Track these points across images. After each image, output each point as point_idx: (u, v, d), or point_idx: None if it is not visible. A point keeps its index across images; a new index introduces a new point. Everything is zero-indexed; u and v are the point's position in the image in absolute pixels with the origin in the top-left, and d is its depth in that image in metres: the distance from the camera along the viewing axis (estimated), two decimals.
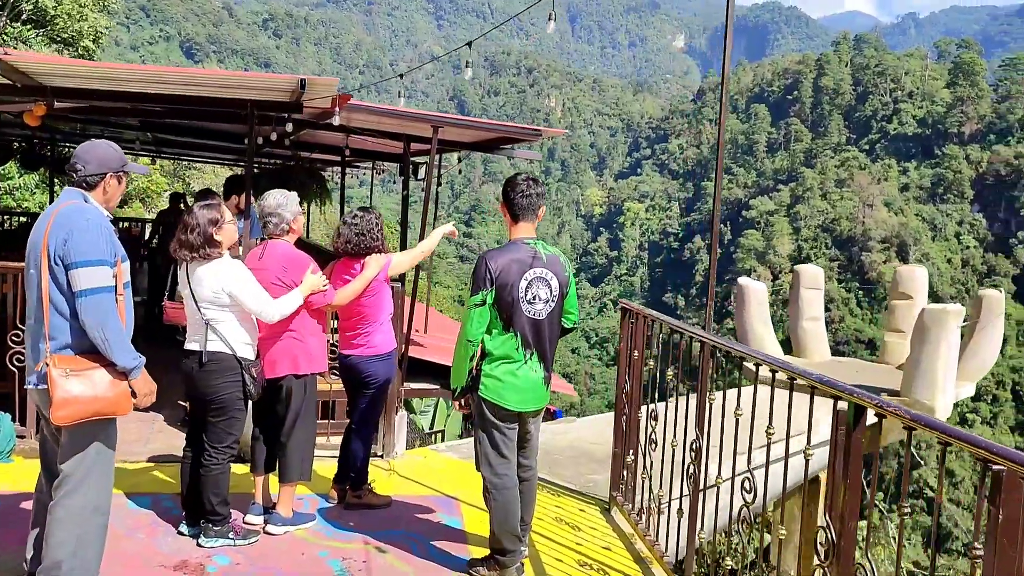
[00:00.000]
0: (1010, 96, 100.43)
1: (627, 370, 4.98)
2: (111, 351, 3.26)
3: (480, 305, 3.81)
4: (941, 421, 2.35)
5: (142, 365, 3.39)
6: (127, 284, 3.46)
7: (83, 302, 3.21)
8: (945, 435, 2.25)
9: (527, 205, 3.97)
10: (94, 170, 3.42)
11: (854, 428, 2.55)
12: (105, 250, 3.27)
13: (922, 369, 7.86)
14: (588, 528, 4.87)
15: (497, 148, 8.75)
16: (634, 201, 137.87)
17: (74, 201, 3.35)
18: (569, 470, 6.06)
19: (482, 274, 3.82)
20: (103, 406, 3.27)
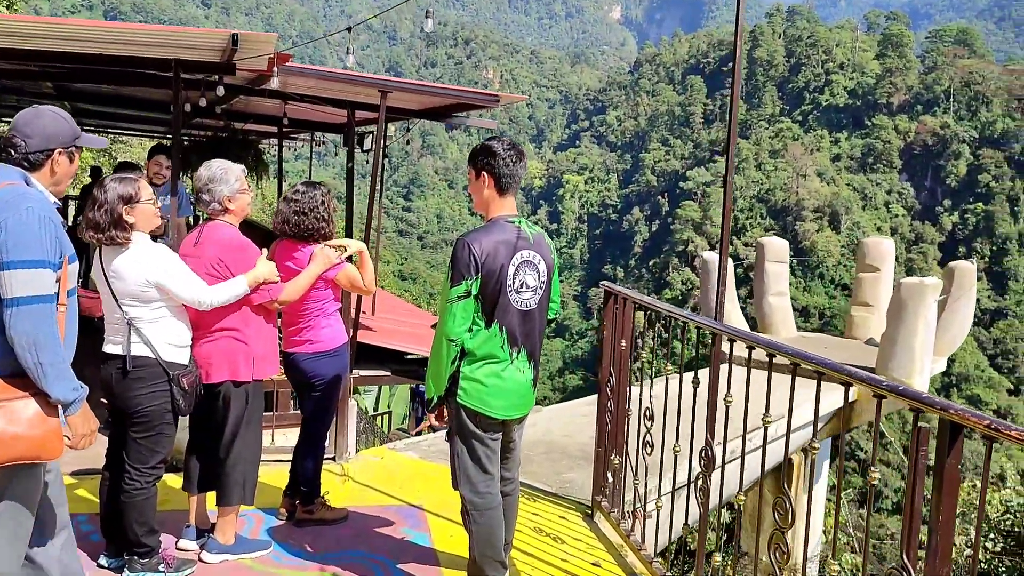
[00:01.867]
0: (936, 67, 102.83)
1: (612, 362, 4.46)
2: (44, 378, 2.50)
3: (464, 297, 3.21)
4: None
5: (83, 398, 2.63)
6: (72, 291, 2.72)
7: (13, 313, 2.46)
8: None
9: (513, 175, 3.38)
10: (38, 145, 2.69)
11: (949, 453, 2.05)
12: (49, 249, 2.53)
13: (899, 345, 7.54)
14: (572, 539, 4.35)
15: (450, 116, 8.11)
16: (573, 173, 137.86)
17: (13, 183, 2.59)
18: (543, 469, 5.53)
19: (465, 260, 3.20)
20: (26, 448, 2.48)
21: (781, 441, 7.54)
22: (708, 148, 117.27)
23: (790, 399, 3.03)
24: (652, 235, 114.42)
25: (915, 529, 2.20)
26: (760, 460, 6.84)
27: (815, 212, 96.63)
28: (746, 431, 3.64)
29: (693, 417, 3.75)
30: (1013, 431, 1.79)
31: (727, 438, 3.56)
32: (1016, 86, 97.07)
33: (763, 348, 3.10)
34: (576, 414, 6.98)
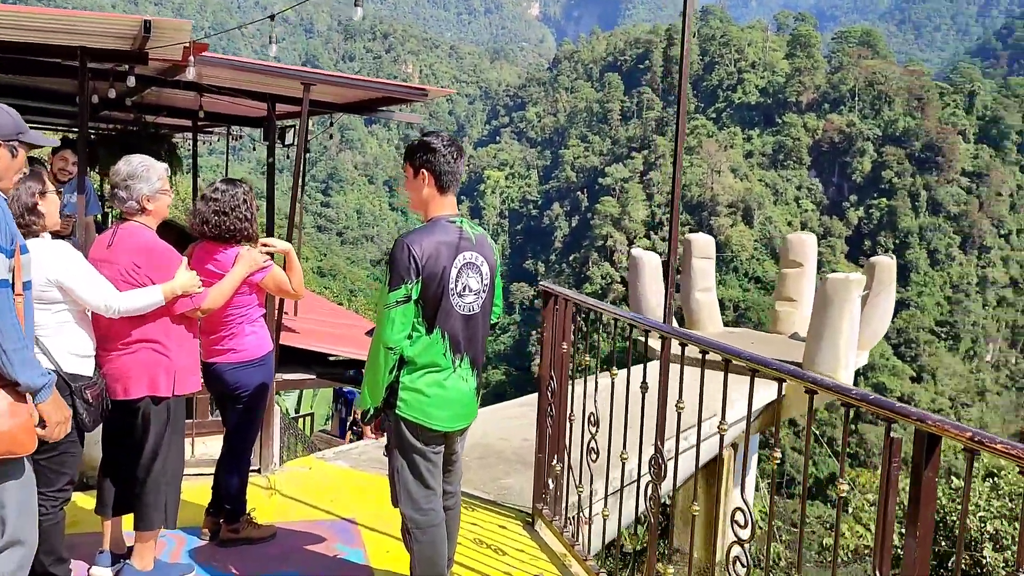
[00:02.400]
0: (842, 67, 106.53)
1: (552, 364, 4.32)
2: (9, 365, 2.42)
3: (403, 302, 3.01)
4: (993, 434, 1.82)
5: (52, 384, 2.58)
6: (28, 284, 2.60)
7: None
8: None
9: (454, 172, 3.20)
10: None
11: (926, 465, 1.96)
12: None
13: (825, 341, 7.65)
14: (514, 550, 4.20)
15: (374, 110, 7.84)
16: (494, 169, 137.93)
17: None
18: (480, 475, 5.37)
19: (405, 263, 3.00)
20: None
21: (715, 438, 7.58)
22: (626, 145, 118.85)
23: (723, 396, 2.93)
24: (572, 230, 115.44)
25: (887, 544, 2.12)
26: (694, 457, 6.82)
27: (729, 207, 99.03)
28: (679, 430, 3.56)
29: (631, 417, 3.64)
30: (998, 444, 1.71)
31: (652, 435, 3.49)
32: (916, 86, 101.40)
33: (719, 353, 2.99)
34: (511, 416, 6.84)
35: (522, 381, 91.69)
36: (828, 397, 3.18)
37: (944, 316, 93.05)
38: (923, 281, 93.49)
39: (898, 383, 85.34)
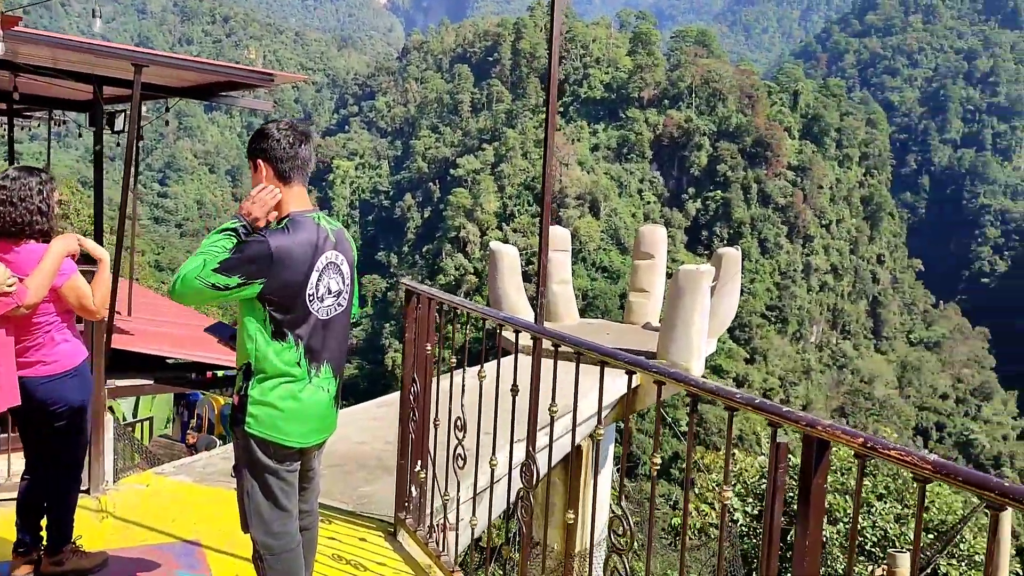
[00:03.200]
0: (680, 65, 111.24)
1: (415, 367, 4.11)
2: None
3: (220, 290, 2.70)
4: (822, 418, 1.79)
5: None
6: None
7: None
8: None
9: (295, 158, 2.90)
10: None
11: (815, 472, 1.90)
12: None
13: (678, 331, 7.81)
14: (375, 564, 3.96)
15: (217, 95, 7.32)
16: (343, 159, 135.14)
17: None
18: (338, 484, 5.07)
19: (258, 264, 2.69)
20: None
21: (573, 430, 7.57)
22: (477, 136, 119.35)
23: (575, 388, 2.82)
24: (425, 221, 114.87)
25: (774, 551, 2.06)
26: (550, 450, 6.77)
27: (577, 199, 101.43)
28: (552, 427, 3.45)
29: (491, 417, 3.49)
30: (892, 451, 1.66)
31: (515, 433, 3.38)
32: (746, 85, 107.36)
33: (597, 355, 2.87)
34: (371, 417, 6.56)
35: (375, 375, 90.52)
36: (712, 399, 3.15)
37: (774, 301, 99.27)
38: (755, 268, 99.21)
39: (734, 365, 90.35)
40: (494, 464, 3.49)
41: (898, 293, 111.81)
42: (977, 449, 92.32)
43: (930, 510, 13.27)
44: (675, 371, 2.45)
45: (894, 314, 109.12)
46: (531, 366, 3.27)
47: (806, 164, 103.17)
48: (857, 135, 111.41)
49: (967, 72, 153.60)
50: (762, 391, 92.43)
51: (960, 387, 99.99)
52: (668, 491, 47.18)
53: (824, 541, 12.42)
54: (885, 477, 13.37)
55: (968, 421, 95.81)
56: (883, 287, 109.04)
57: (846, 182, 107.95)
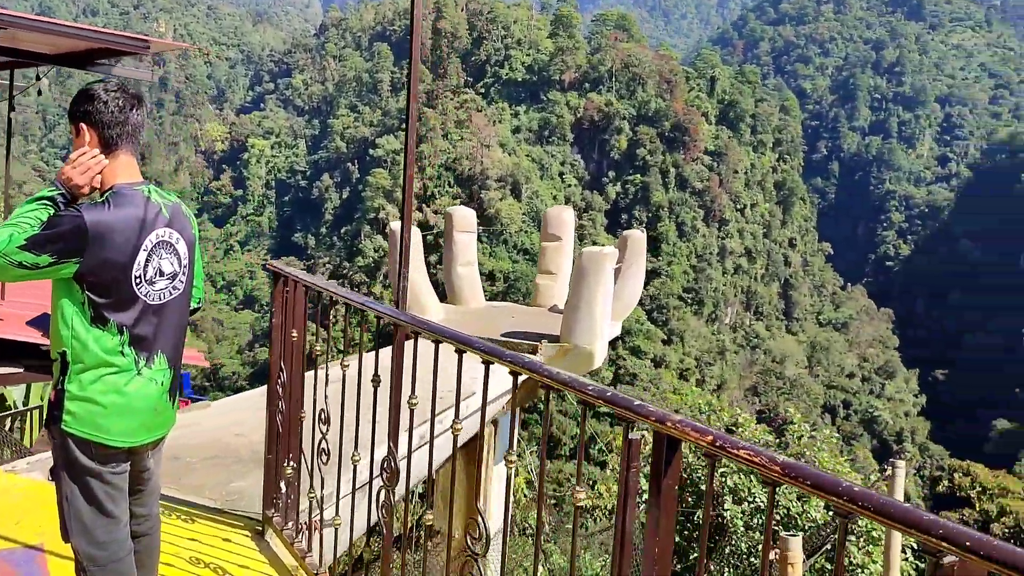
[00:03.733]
0: (601, 49, 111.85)
1: (282, 354, 3.82)
2: None
3: (29, 269, 2.38)
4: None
5: None
6: None
7: None
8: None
9: (125, 123, 2.58)
10: None
11: (666, 472, 1.72)
12: None
13: (581, 314, 7.68)
14: (237, 567, 3.68)
15: (93, 63, 6.80)
16: (259, 138, 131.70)
17: None
18: (209, 478, 4.74)
19: (68, 242, 2.37)
20: None
21: (474, 418, 7.37)
22: (397, 116, 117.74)
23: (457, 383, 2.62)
24: (343, 202, 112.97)
25: (627, 555, 1.88)
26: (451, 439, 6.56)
27: (498, 181, 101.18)
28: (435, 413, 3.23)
29: (367, 411, 3.24)
30: (742, 451, 1.49)
31: (414, 424, 3.13)
32: (665, 70, 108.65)
33: (452, 343, 2.65)
34: (252, 406, 6.21)
35: None
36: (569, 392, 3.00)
37: (690, 283, 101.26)
38: (672, 251, 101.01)
39: (651, 345, 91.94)
40: (356, 460, 3.25)
41: (808, 276, 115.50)
42: (881, 425, 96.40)
43: None
44: (530, 361, 2.25)
45: (804, 296, 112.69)
46: (392, 355, 3.03)
47: (722, 149, 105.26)
48: (771, 121, 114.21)
49: (875, 62, 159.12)
50: (679, 371, 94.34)
51: (865, 366, 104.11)
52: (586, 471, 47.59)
53: (726, 520, 12.59)
54: (787, 455, 13.64)
55: (873, 399, 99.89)
56: (794, 270, 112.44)
57: (760, 167, 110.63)
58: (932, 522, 1.21)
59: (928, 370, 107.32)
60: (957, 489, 16.71)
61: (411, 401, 2.93)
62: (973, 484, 16.09)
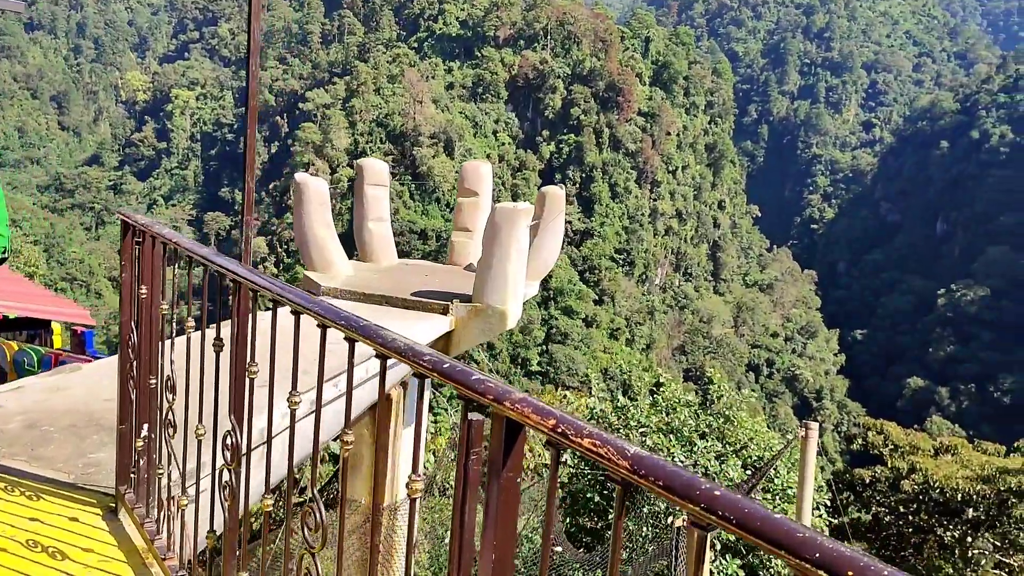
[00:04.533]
0: (536, 6, 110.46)
1: (133, 314, 3.39)
2: None
3: None
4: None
5: None
6: None
7: None
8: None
9: None
10: None
11: (505, 462, 1.40)
12: None
13: (494, 272, 7.35)
14: (81, 551, 3.27)
15: None
16: (183, 88, 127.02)
17: None
18: (65, 448, 4.28)
19: None
20: None
21: (375, 380, 7.00)
22: (327, 69, 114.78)
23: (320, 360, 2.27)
24: (272, 157, 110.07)
25: (466, 546, 1.57)
26: (361, 397, 6.18)
27: (431, 138, 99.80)
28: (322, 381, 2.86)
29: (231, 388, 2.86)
30: (586, 439, 1.18)
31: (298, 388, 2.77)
32: (600, 29, 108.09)
33: (317, 317, 2.28)
34: None
35: None
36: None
37: (622, 244, 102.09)
38: (605, 212, 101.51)
39: (583, 306, 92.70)
40: (200, 435, 2.87)
41: (736, 237, 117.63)
42: (802, 383, 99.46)
43: (748, 447, 13.74)
44: (368, 326, 1.90)
45: (732, 257, 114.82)
46: (233, 320, 2.64)
47: (655, 111, 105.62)
48: (704, 84, 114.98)
49: (805, 27, 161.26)
50: (609, 331, 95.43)
51: (789, 326, 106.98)
52: None
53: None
54: (707, 416, 13.72)
55: (795, 358, 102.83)
56: (723, 232, 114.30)
57: (692, 129, 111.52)
58: (808, 541, 0.93)
59: (848, 330, 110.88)
60: (871, 447, 17.16)
61: (251, 370, 2.55)
62: (886, 442, 16.51)
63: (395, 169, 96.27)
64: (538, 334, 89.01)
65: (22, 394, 4.94)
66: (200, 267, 2.97)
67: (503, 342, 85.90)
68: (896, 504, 16.28)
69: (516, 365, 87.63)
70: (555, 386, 60.29)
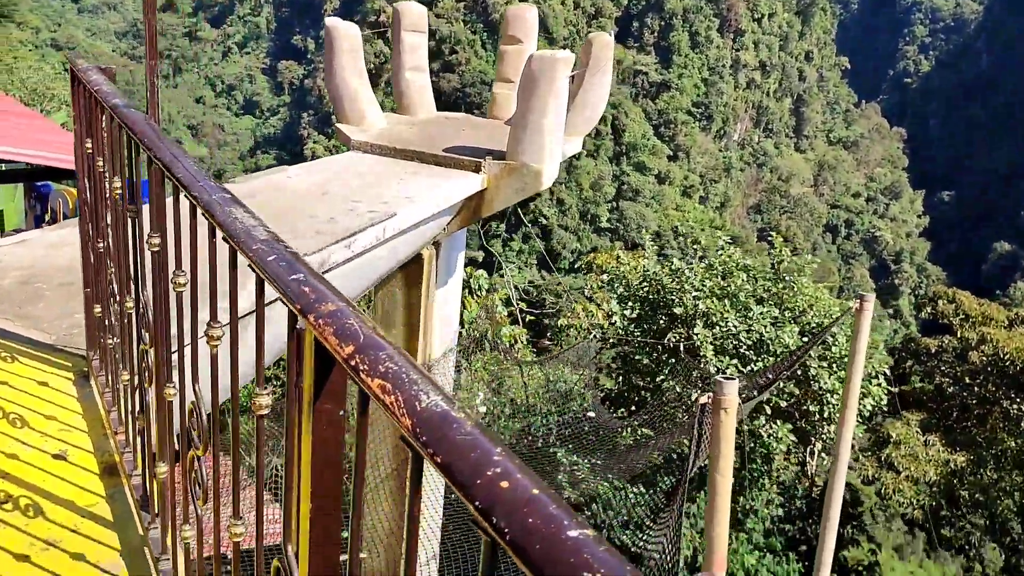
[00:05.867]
0: None
1: (85, 171, 3.12)
2: None
3: None
4: None
5: None
6: None
7: None
8: None
9: None
10: None
11: (319, 394, 1.06)
12: None
13: (529, 128, 6.86)
14: (43, 418, 3.15)
15: None
16: None
17: None
18: (53, 308, 4.15)
19: None
20: None
21: (408, 236, 6.73)
22: None
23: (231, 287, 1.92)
24: (343, 2, 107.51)
25: (304, 502, 1.27)
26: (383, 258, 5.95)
27: None
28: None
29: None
30: (377, 378, 0.84)
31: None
32: None
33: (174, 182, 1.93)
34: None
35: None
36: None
37: (700, 97, 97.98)
38: (684, 63, 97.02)
39: (656, 162, 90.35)
40: (129, 309, 2.61)
41: (822, 92, 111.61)
42: (881, 246, 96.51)
43: (808, 313, 13.26)
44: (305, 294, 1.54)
45: (816, 113, 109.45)
46: (152, 187, 2.31)
47: None
48: None
49: None
50: (682, 188, 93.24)
51: (872, 186, 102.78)
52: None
53: (698, 343, 12.31)
54: (765, 280, 13.21)
55: (876, 219, 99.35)
56: (808, 85, 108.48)
57: None
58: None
59: (935, 191, 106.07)
60: (940, 316, 16.42)
61: (151, 242, 2.23)
62: (957, 311, 15.76)
63: (467, 16, 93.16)
64: (608, 190, 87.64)
65: (23, 248, 4.82)
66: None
67: (572, 198, 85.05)
68: (962, 375, 15.74)
69: (585, 221, 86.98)
70: (624, 244, 59.82)
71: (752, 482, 13.81)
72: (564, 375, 12.75)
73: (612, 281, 14.54)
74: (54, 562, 2.37)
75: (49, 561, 2.38)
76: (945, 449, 14.77)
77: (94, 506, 2.65)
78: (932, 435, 15.10)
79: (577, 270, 66.49)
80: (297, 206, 5.87)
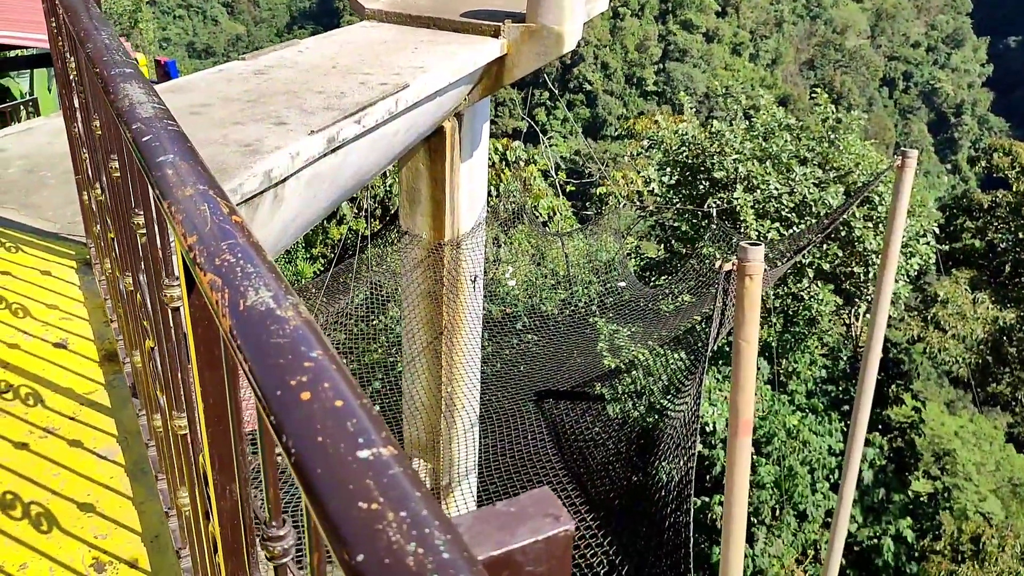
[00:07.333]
0: None
1: (60, 51, 2.99)
2: None
3: None
4: None
5: None
6: None
7: None
8: None
9: None
10: None
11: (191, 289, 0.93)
12: None
13: None
14: (45, 307, 3.15)
15: None
16: None
17: None
18: (57, 196, 4.10)
19: None
20: None
21: (425, 108, 6.52)
22: None
23: None
24: None
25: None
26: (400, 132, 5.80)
27: None
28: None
29: None
30: (209, 273, 0.73)
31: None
32: None
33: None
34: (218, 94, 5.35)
35: None
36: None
37: None
38: None
39: (704, 19, 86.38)
40: (99, 198, 2.53)
41: None
42: (941, 98, 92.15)
43: (853, 173, 12.78)
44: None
45: None
46: None
47: None
48: None
49: None
50: (732, 46, 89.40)
51: (933, 35, 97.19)
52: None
53: (738, 207, 12.00)
54: (809, 140, 12.67)
55: (936, 70, 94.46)
56: None
57: None
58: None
59: (999, 37, 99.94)
60: (995, 170, 15.67)
61: (94, 125, 2.12)
62: (1013, 164, 15.00)
63: None
64: (654, 51, 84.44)
65: (28, 136, 4.76)
66: None
67: (618, 61, 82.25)
68: (1016, 230, 15.17)
69: (631, 85, 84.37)
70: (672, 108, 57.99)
71: (795, 344, 13.75)
72: (606, 244, 12.60)
73: (651, 147, 14.13)
74: (52, 449, 2.40)
75: (47, 448, 2.40)
76: (994, 306, 14.43)
77: (93, 393, 2.66)
78: (981, 292, 14.73)
79: (621, 137, 65.04)
80: (307, 81, 5.66)
